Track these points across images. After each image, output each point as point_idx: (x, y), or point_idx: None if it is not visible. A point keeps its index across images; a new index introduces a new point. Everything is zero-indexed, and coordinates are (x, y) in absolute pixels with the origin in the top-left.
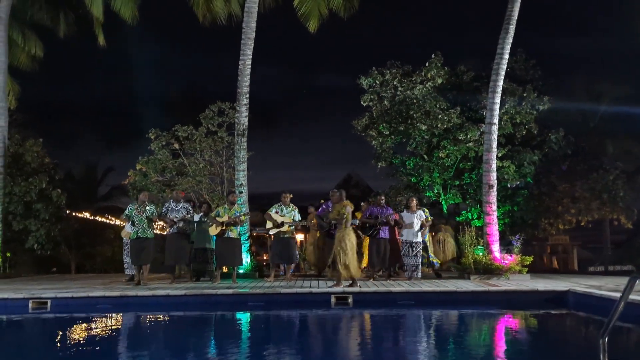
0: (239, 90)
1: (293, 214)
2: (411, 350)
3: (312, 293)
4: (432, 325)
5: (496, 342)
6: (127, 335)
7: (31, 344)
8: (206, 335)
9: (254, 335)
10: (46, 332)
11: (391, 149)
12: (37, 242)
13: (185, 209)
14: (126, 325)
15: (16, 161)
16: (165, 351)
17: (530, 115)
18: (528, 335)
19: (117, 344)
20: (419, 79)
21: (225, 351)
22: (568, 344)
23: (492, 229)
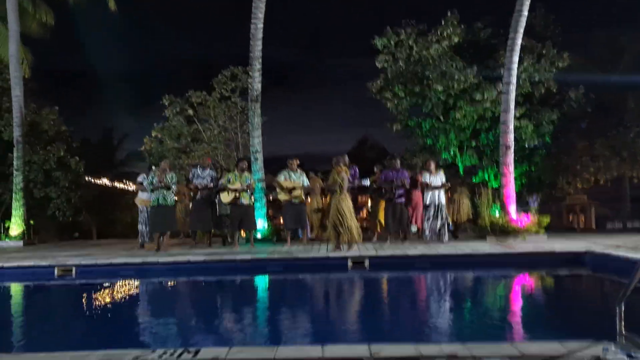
0: (251, 54)
1: (302, 179)
2: (426, 312)
3: (329, 257)
4: (447, 287)
5: (511, 304)
6: (149, 301)
7: (60, 309)
8: (226, 299)
9: (273, 299)
10: (73, 297)
11: (406, 110)
12: (58, 209)
13: (210, 175)
14: (148, 290)
15: (33, 130)
16: (186, 315)
17: (549, 73)
18: (544, 298)
19: (140, 310)
20: (435, 38)
21: (246, 315)
22: (585, 307)
23: (508, 190)
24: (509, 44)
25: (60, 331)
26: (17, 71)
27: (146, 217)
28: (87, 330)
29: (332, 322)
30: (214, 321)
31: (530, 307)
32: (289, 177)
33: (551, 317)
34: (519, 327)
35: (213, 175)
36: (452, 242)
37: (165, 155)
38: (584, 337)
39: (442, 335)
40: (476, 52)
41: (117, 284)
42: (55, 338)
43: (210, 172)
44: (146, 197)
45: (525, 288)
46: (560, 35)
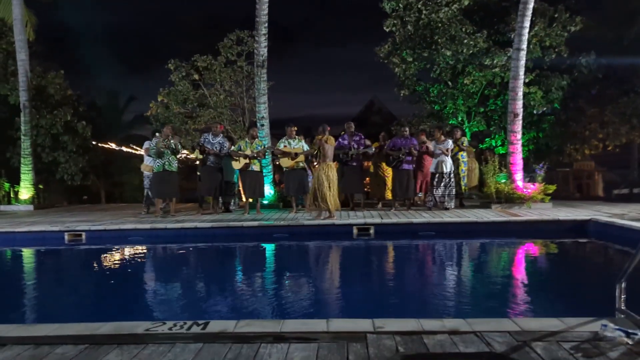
0: (257, 19)
1: (301, 144)
2: (429, 283)
3: (335, 225)
4: (450, 256)
5: (513, 274)
6: (158, 267)
7: (70, 274)
8: (232, 266)
9: (278, 267)
10: (83, 263)
11: (414, 75)
12: (66, 173)
13: (220, 143)
14: (157, 256)
15: (40, 94)
16: (193, 281)
17: (560, 38)
18: (546, 268)
19: (149, 275)
20: (444, 1)
21: (251, 282)
22: (587, 278)
23: (515, 158)
24: (520, 8)
25: (71, 296)
26: (22, 34)
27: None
28: (97, 296)
29: (336, 292)
30: (220, 288)
31: (531, 277)
32: (288, 144)
33: (552, 287)
34: (520, 298)
35: (223, 144)
36: (458, 209)
37: (171, 120)
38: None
39: (444, 307)
40: (486, 15)
41: (126, 249)
42: (66, 303)
43: (221, 139)
44: (151, 163)
45: (527, 257)
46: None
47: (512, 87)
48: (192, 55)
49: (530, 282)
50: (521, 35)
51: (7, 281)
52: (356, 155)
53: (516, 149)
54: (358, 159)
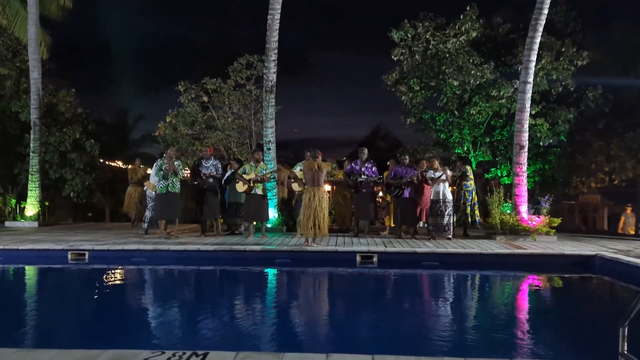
0: (268, 45)
1: None
2: (431, 316)
3: (338, 251)
4: (453, 288)
5: (517, 307)
6: (159, 289)
7: (72, 294)
8: (233, 291)
9: (279, 293)
10: (85, 283)
11: (421, 104)
12: (73, 190)
13: (215, 166)
14: (159, 278)
15: (50, 111)
16: (194, 305)
17: (567, 71)
18: (550, 304)
19: (150, 298)
20: (453, 32)
21: (252, 306)
22: (591, 316)
23: (521, 190)
24: (528, 42)
25: (71, 317)
26: (36, 54)
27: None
28: (98, 318)
29: (337, 323)
30: (220, 315)
31: (535, 315)
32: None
33: (556, 326)
34: (522, 337)
35: (217, 166)
36: (462, 239)
37: (179, 142)
38: (587, 353)
39: (445, 344)
40: (494, 47)
41: (128, 270)
42: (66, 325)
43: (214, 162)
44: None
45: (531, 293)
46: (581, 33)
47: (518, 119)
48: (202, 77)
49: (533, 319)
50: (528, 69)
51: (8, 300)
52: (366, 182)
53: (521, 181)
54: (369, 186)
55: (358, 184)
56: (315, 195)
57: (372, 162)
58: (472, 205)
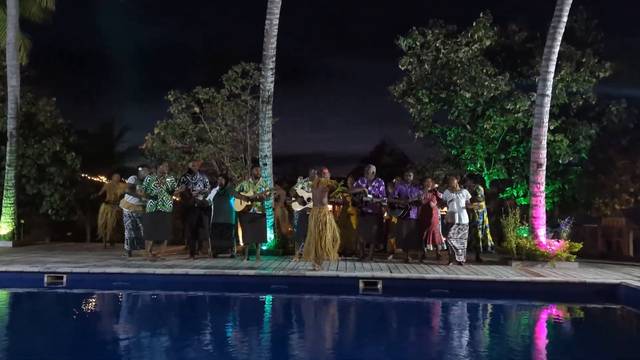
0: (265, 53)
1: None
2: (441, 347)
3: (339, 277)
4: (465, 319)
5: (535, 340)
6: (142, 317)
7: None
8: (223, 320)
9: (273, 324)
10: (62, 309)
11: (430, 117)
12: (51, 207)
13: (202, 181)
14: (143, 304)
15: (29, 121)
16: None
17: (588, 84)
18: (570, 337)
19: (133, 327)
20: (465, 41)
21: (243, 338)
22: (616, 348)
23: (538, 212)
24: (546, 51)
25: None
26: (14, 59)
27: (134, 223)
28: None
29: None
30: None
31: (553, 350)
32: (307, 187)
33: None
34: None
35: (205, 181)
36: (475, 265)
37: (167, 155)
38: None
39: None
40: (509, 57)
41: (110, 295)
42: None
43: (201, 177)
44: (134, 202)
45: (550, 325)
46: (603, 42)
47: (535, 134)
48: (194, 86)
49: (552, 354)
50: (546, 80)
51: None
52: (372, 203)
53: (539, 202)
54: (375, 206)
55: (363, 204)
56: (317, 215)
57: (380, 181)
58: (484, 228)
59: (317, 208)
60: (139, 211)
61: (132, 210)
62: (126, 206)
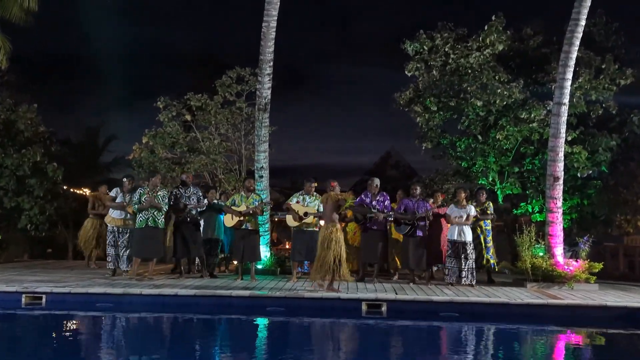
0: (262, 57)
1: (317, 203)
2: None
3: (340, 299)
4: (477, 344)
5: None
6: (127, 341)
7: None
8: (217, 345)
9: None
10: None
11: (439, 127)
12: (30, 222)
13: (196, 194)
14: (128, 328)
15: (8, 129)
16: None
17: (608, 92)
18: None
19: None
20: (476, 45)
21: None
22: None
23: (555, 229)
24: (562, 57)
25: None
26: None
27: (117, 239)
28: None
29: None
30: None
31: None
32: (302, 200)
33: None
34: None
35: (198, 194)
36: (486, 286)
37: (157, 166)
38: None
39: None
40: (523, 62)
41: (92, 317)
42: None
43: (194, 190)
44: (117, 216)
45: (568, 351)
46: (624, 47)
47: (552, 146)
48: (185, 92)
49: None
50: (563, 88)
51: None
52: (376, 219)
53: (556, 218)
54: (379, 223)
55: (367, 221)
56: (325, 233)
57: (385, 195)
58: (489, 247)
59: (326, 225)
60: (121, 226)
61: (114, 225)
62: (109, 221)
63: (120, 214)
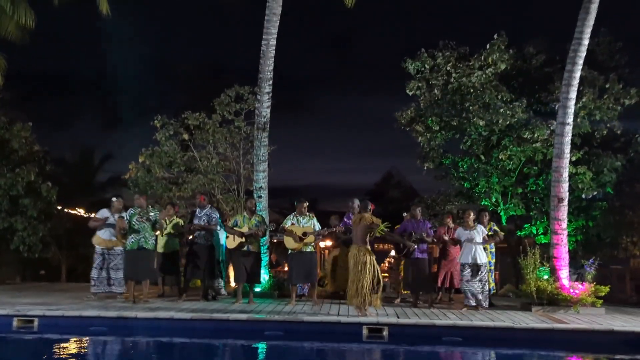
0: (261, 75)
1: (312, 222)
2: None
3: (341, 323)
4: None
5: None
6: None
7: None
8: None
9: None
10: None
11: (441, 146)
12: (23, 243)
13: (208, 215)
14: (122, 352)
15: (2, 148)
16: None
17: (613, 112)
18: None
19: None
20: (478, 64)
21: None
22: None
23: (560, 251)
24: (566, 76)
25: None
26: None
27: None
28: None
29: None
30: None
31: None
32: (296, 222)
33: None
34: None
35: (211, 215)
36: (489, 310)
37: (153, 187)
38: None
39: None
40: (526, 81)
41: (85, 341)
42: None
43: (208, 210)
44: (106, 237)
45: None
46: (628, 67)
47: (555, 166)
48: (183, 111)
49: None
50: (566, 108)
51: None
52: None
53: (561, 240)
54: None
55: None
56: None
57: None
58: (492, 270)
59: (357, 247)
60: (111, 247)
61: (104, 247)
62: (98, 242)
63: (110, 234)
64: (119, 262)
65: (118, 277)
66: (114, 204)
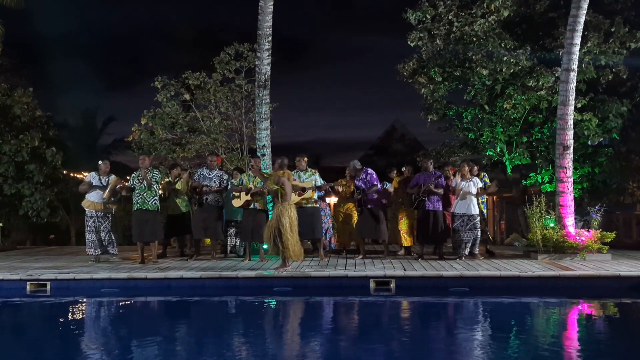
0: (260, 32)
1: (313, 178)
2: (462, 351)
3: (348, 277)
4: (488, 319)
5: (565, 341)
6: (134, 326)
7: (30, 333)
8: (224, 327)
9: (277, 329)
10: (46, 319)
11: (444, 98)
12: (31, 208)
13: (219, 177)
14: (134, 312)
15: (4, 115)
16: (176, 345)
17: (618, 56)
18: (606, 333)
19: (123, 336)
20: (480, 12)
21: (242, 347)
22: None
23: (565, 199)
24: (570, 21)
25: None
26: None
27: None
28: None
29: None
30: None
31: (585, 349)
32: (298, 178)
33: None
34: None
35: (223, 177)
36: (494, 259)
37: (157, 148)
38: None
39: None
40: (530, 28)
41: (97, 303)
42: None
43: (218, 172)
44: (97, 199)
45: (581, 323)
46: (634, 9)
47: (560, 114)
48: (183, 70)
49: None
50: (571, 54)
51: None
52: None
53: (566, 188)
54: (376, 201)
55: (361, 201)
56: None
57: (367, 171)
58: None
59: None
60: (101, 210)
61: (94, 210)
62: (88, 205)
63: (99, 197)
64: (109, 225)
65: (111, 239)
66: (100, 166)
